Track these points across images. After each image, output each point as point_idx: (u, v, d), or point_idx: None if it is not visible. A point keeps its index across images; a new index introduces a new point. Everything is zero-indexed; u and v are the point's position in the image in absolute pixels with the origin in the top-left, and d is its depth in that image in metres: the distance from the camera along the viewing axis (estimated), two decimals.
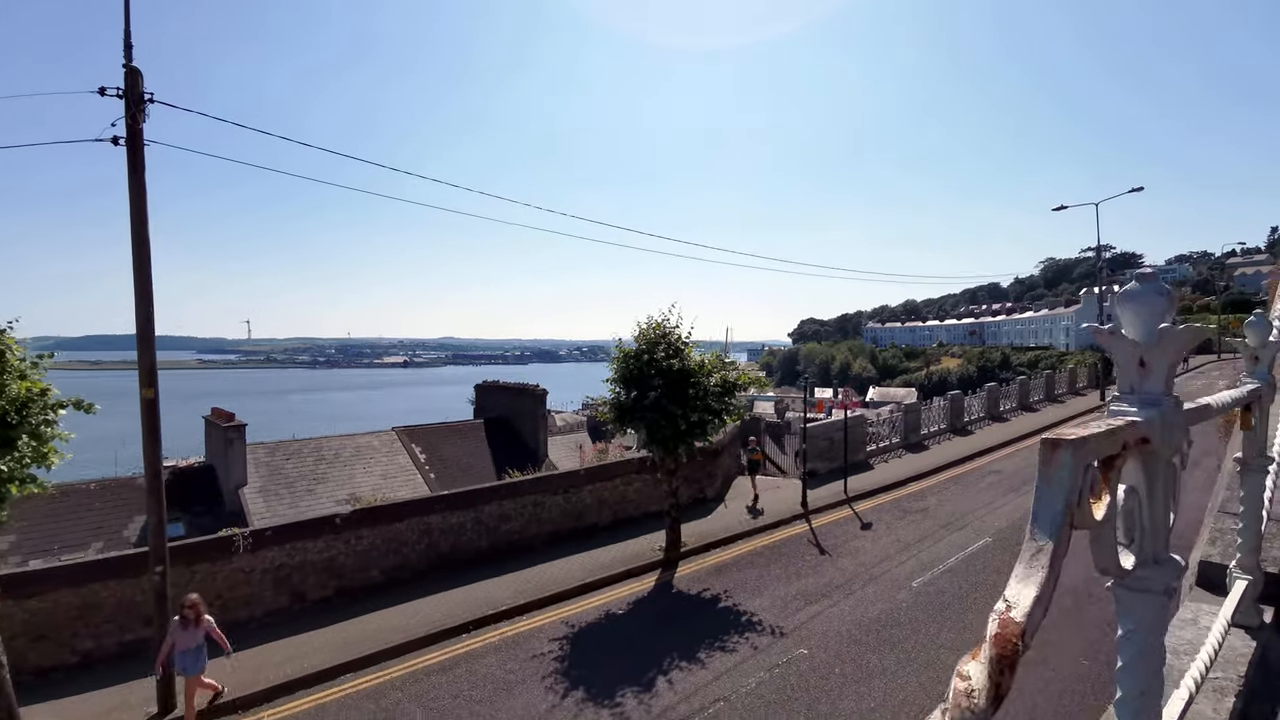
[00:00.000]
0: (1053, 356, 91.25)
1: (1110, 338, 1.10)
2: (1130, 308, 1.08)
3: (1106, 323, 1.21)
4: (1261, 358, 1.81)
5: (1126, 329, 1.09)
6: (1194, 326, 1.04)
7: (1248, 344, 1.84)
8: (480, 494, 13.03)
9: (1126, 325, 1.10)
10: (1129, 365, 1.08)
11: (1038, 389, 29.54)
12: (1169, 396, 1.07)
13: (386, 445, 25.22)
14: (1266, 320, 1.87)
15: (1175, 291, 1.06)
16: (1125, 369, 1.09)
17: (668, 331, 12.38)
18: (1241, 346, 1.88)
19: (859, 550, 12.41)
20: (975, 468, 18.62)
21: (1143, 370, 1.07)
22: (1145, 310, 1.06)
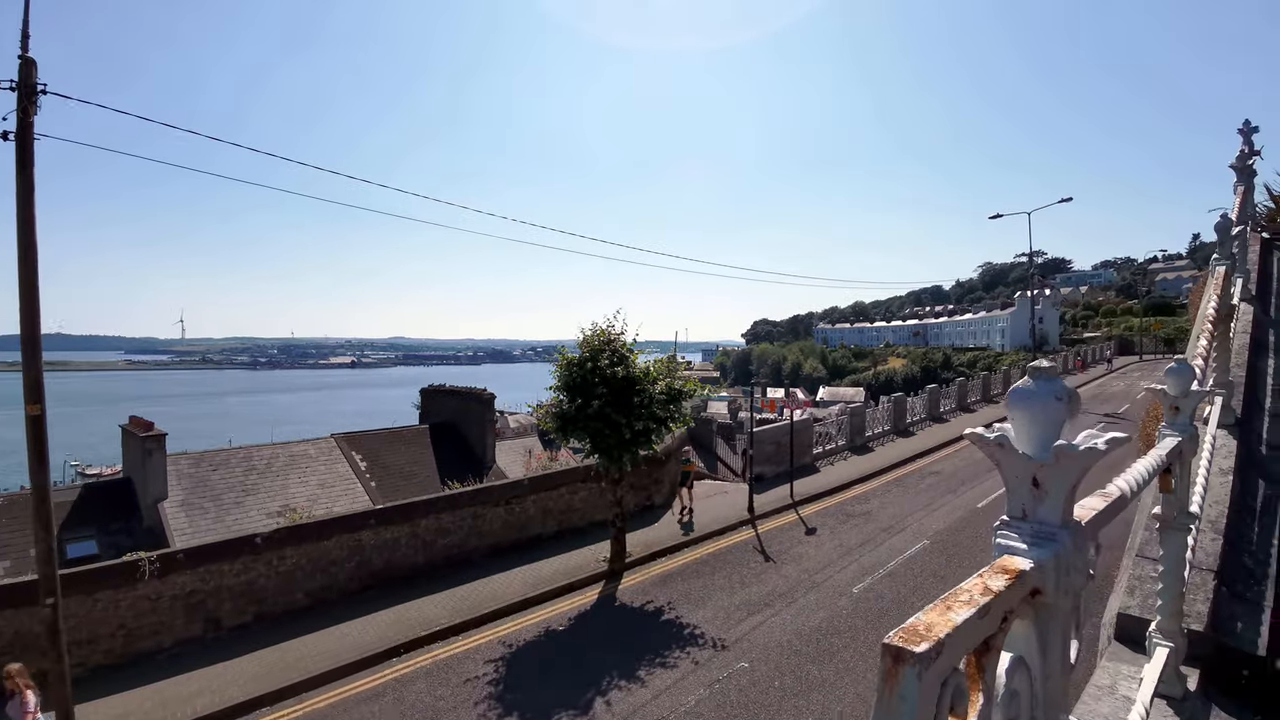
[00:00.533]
0: (989, 357, 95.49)
1: (998, 450, 0.89)
2: (1023, 412, 0.87)
3: (1038, 323, 0.99)
4: (1182, 408, 1.69)
5: (1018, 437, 0.88)
6: (1094, 450, 0.84)
7: (1167, 392, 1.72)
8: (416, 507, 12.47)
9: (1018, 431, 0.89)
10: (1019, 485, 0.88)
11: (975, 390, 30.68)
12: (1068, 529, 0.86)
13: (324, 453, 24.09)
14: (1188, 367, 1.75)
15: (1076, 399, 0.85)
16: (1015, 489, 0.89)
17: (612, 338, 12.14)
18: (1161, 396, 1.76)
19: (803, 556, 12.45)
20: (916, 469, 19.08)
21: (1036, 492, 0.87)
22: (1041, 417, 0.85)
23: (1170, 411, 1.70)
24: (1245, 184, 4.45)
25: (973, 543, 12.47)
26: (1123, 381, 36.22)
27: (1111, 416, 25.29)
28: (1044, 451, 0.85)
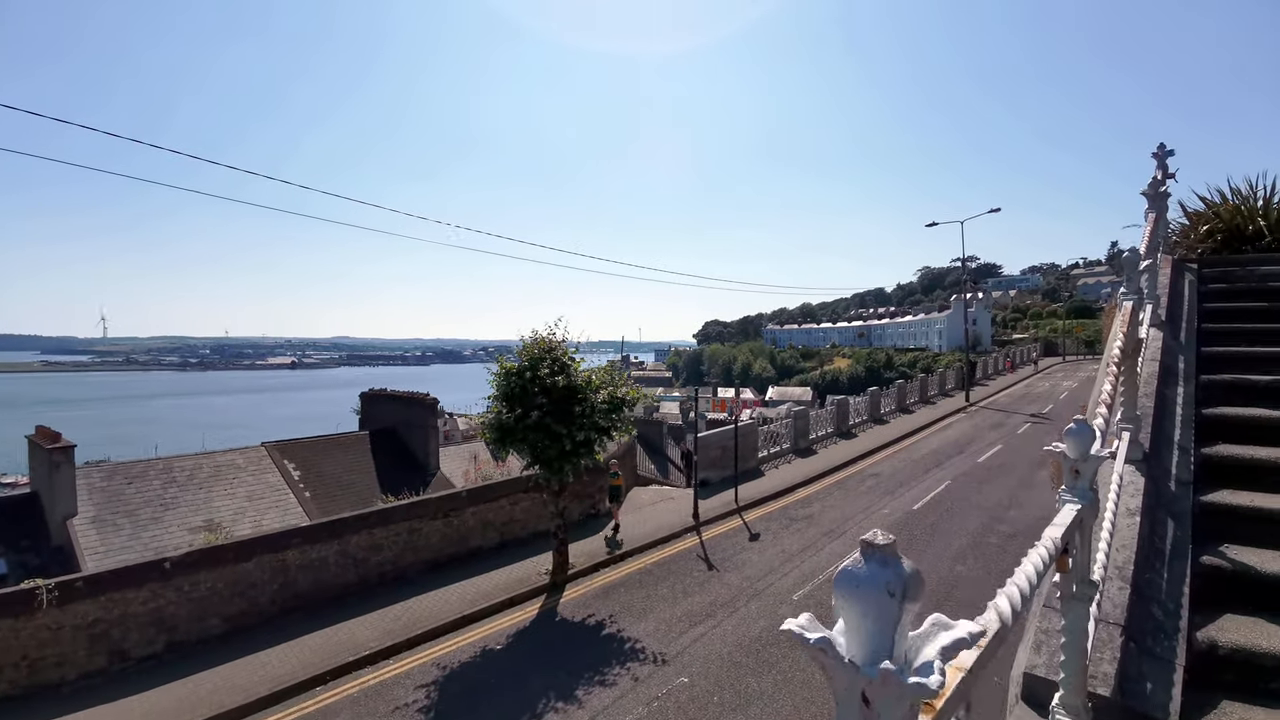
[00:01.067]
0: (928, 357, 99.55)
1: (819, 655, 0.73)
2: (851, 603, 0.71)
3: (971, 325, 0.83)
4: (1083, 472, 1.61)
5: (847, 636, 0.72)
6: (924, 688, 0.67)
7: (1066, 454, 1.63)
8: (346, 523, 11.85)
9: (847, 629, 0.72)
10: (848, 702, 0.71)
11: (913, 391, 31.74)
12: None
13: (254, 463, 22.82)
14: (1088, 428, 1.67)
15: (916, 585, 0.69)
16: (844, 706, 0.72)
17: (553, 346, 11.85)
18: (1061, 459, 1.68)
19: (746, 563, 12.48)
20: (857, 471, 19.51)
21: (868, 712, 0.70)
22: (873, 612, 0.68)
23: (1070, 475, 1.62)
24: (1158, 210, 4.58)
25: (907, 546, 12.75)
26: (1047, 382, 38.26)
27: (1037, 417, 26.63)
28: (871, 665, 0.68)
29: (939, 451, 21.15)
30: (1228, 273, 5.17)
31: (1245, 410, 3.31)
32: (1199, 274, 5.32)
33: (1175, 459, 2.91)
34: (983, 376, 41.49)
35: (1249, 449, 3.04)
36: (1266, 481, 2.85)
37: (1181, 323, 4.33)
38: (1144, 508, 2.51)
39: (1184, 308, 4.53)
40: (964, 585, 10.88)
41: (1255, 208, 8.51)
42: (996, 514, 14.42)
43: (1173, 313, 4.41)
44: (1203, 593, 2.35)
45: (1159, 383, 3.41)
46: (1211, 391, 3.59)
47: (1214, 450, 3.08)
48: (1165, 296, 4.43)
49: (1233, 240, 8.65)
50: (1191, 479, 2.84)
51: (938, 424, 26.47)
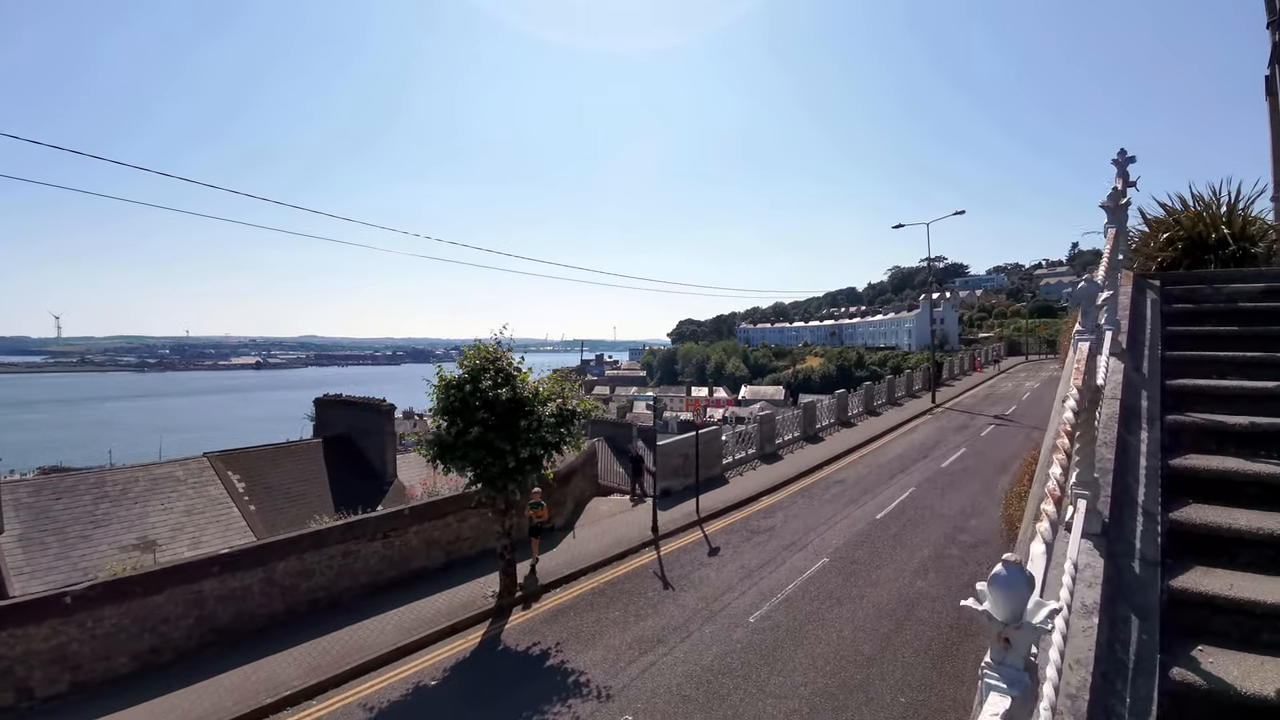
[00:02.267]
0: (898, 356, 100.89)
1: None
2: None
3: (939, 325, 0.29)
4: (1015, 642, 1.10)
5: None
6: None
7: (992, 616, 1.12)
8: (272, 548, 11.00)
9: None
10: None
11: (881, 393, 31.71)
12: None
13: (194, 474, 21.64)
14: (1021, 575, 1.15)
15: None
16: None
17: (497, 356, 11.17)
18: (985, 618, 1.16)
19: (703, 581, 11.97)
20: (822, 477, 19.20)
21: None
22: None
23: (998, 645, 1.11)
24: (1118, 224, 4.14)
25: (870, 559, 12.41)
26: (1010, 382, 38.70)
27: (1000, 418, 26.74)
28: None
29: (904, 456, 20.99)
30: (1193, 291, 4.77)
31: (1217, 461, 2.86)
32: (1162, 292, 4.91)
33: (1140, 529, 2.44)
34: (949, 377, 41.86)
35: (1223, 512, 2.59)
36: (1243, 557, 2.40)
37: (1144, 350, 3.90)
38: (1103, 601, 2.03)
39: (1146, 332, 4.09)
40: (924, 603, 10.53)
41: (1218, 215, 8.25)
42: (959, 523, 14.18)
43: (1134, 338, 3.97)
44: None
45: (1120, 426, 2.94)
46: (1179, 436, 3.15)
47: (1183, 515, 2.62)
48: (1126, 320, 4.00)
49: (1194, 249, 8.38)
50: (1159, 557, 2.37)
51: (904, 426, 26.40)
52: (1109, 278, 3.71)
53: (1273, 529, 2.39)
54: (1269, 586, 2.22)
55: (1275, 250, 8.10)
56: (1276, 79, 19.57)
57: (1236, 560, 2.43)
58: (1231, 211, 8.49)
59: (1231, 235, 8.15)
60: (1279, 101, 19.43)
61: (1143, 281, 4.82)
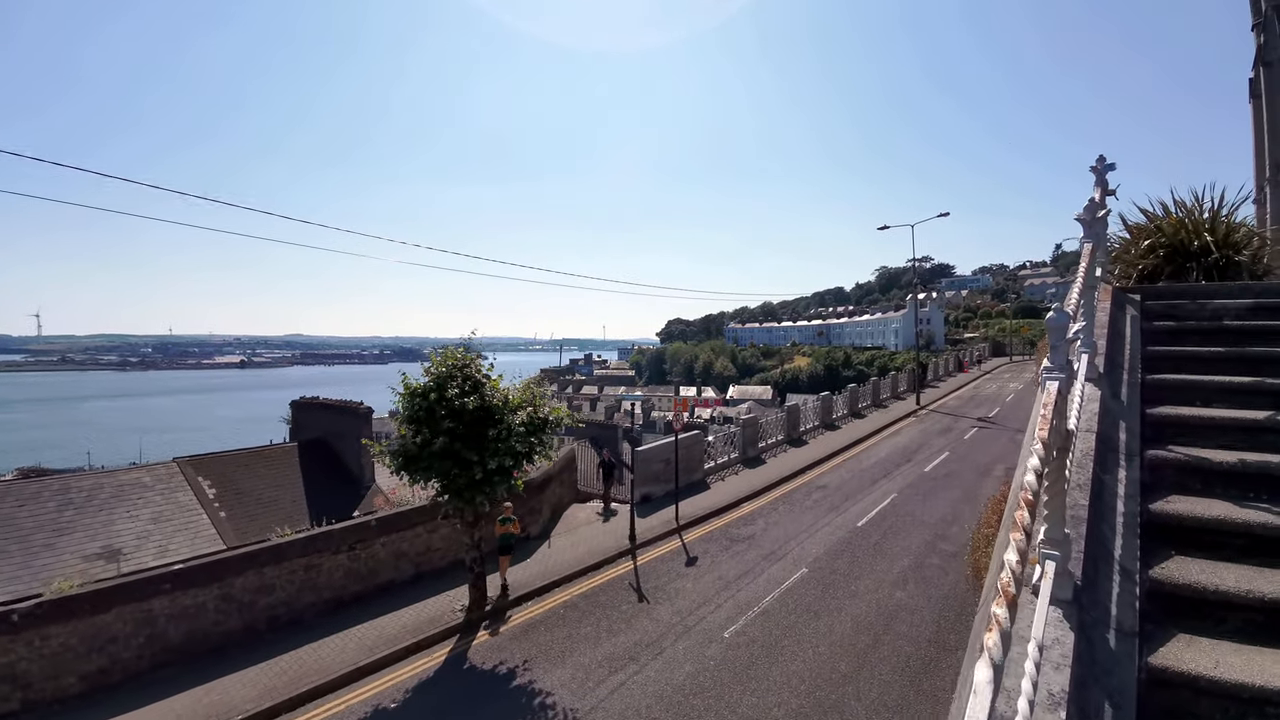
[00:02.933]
0: (885, 356, 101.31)
1: None
2: None
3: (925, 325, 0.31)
4: None
5: None
6: None
7: None
8: (228, 564, 10.54)
9: None
10: None
11: (865, 395, 31.59)
12: None
13: (162, 480, 21.07)
14: None
15: None
16: None
17: (466, 362, 10.79)
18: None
19: (679, 593, 11.66)
20: (805, 482, 18.97)
21: None
22: None
23: None
24: (1095, 237, 3.82)
25: (850, 569, 12.17)
26: (994, 384, 38.80)
27: (984, 421, 26.70)
28: None
29: (887, 460, 20.82)
30: (1175, 307, 4.49)
31: (1202, 506, 2.58)
32: (1142, 307, 4.63)
33: (1116, 591, 2.16)
34: (934, 378, 41.90)
35: (1208, 568, 2.31)
36: (1230, 622, 2.12)
37: (1123, 373, 3.62)
38: (1072, 688, 1.73)
39: (1125, 353, 3.82)
40: (903, 616, 10.29)
41: (1201, 222, 8.05)
42: (940, 530, 13.98)
43: (1112, 360, 3.69)
44: None
45: (1095, 464, 2.65)
46: (1160, 474, 2.87)
47: (1165, 572, 2.34)
48: (1104, 341, 3.72)
49: (1176, 257, 8.18)
50: (1137, 625, 2.09)
51: (888, 429, 26.27)
52: (1085, 297, 3.44)
53: (1263, 591, 2.11)
54: (1258, 662, 1.94)
55: (1260, 258, 7.91)
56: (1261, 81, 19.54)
57: (1223, 625, 2.15)
58: (1215, 218, 8.29)
59: (1215, 243, 7.95)
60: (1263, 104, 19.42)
61: (1122, 296, 4.54)
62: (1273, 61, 18.99)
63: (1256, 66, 19.38)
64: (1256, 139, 19.54)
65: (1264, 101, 18.74)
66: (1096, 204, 3.71)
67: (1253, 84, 19.93)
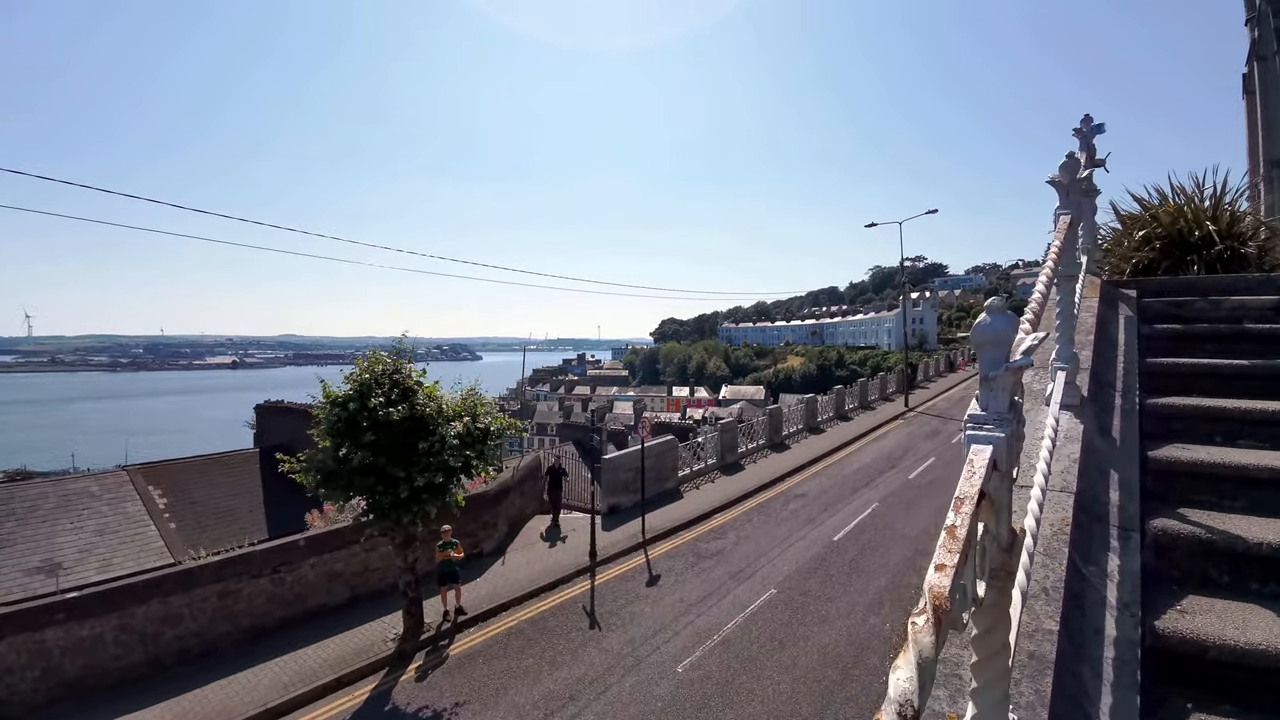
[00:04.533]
0: (878, 355, 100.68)
1: None
2: None
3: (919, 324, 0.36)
4: None
5: None
6: None
7: None
8: (128, 591, 9.51)
9: None
10: None
11: (853, 397, 30.67)
12: None
13: (111, 490, 20.02)
14: None
15: None
16: None
17: (396, 368, 9.79)
18: None
19: (635, 618, 10.69)
20: (783, 490, 18.03)
21: None
22: None
23: None
24: (1076, 208, 2.83)
25: (821, 590, 11.22)
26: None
27: None
28: None
29: (870, 466, 19.89)
30: (1182, 305, 3.53)
31: (1234, 627, 1.62)
32: (1140, 306, 3.68)
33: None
34: (924, 379, 41.04)
35: None
36: None
37: (1114, 396, 2.66)
38: None
39: (1118, 368, 2.86)
40: (876, 645, 9.35)
41: (1202, 209, 7.13)
42: (921, 545, 13.05)
43: (1100, 377, 2.73)
44: None
45: (1073, 551, 1.68)
46: (1170, 559, 1.93)
47: None
48: (1089, 352, 2.77)
49: (1174, 249, 7.25)
50: None
51: (874, 432, 25.37)
52: (1061, 291, 2.51)
53: None
54: None
55: (1269, 250, 7.01)
56: (1255, 77, 18.72)
57: None
58: (1217, 205, 7.36)
59: (1218, 232, 7.01)
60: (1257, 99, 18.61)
61: (1114, 292, 3.60)
62: (1267, 56, 18.19)
63: (1250, 61, 18.65)
64: (1250, 135, 18.79)
65: (1258, 97, 18.00)
66: (1074, 162, 2.75)
67: (1246, 79, 19.19)
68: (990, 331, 1.21)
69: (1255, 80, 18.43)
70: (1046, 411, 2.19)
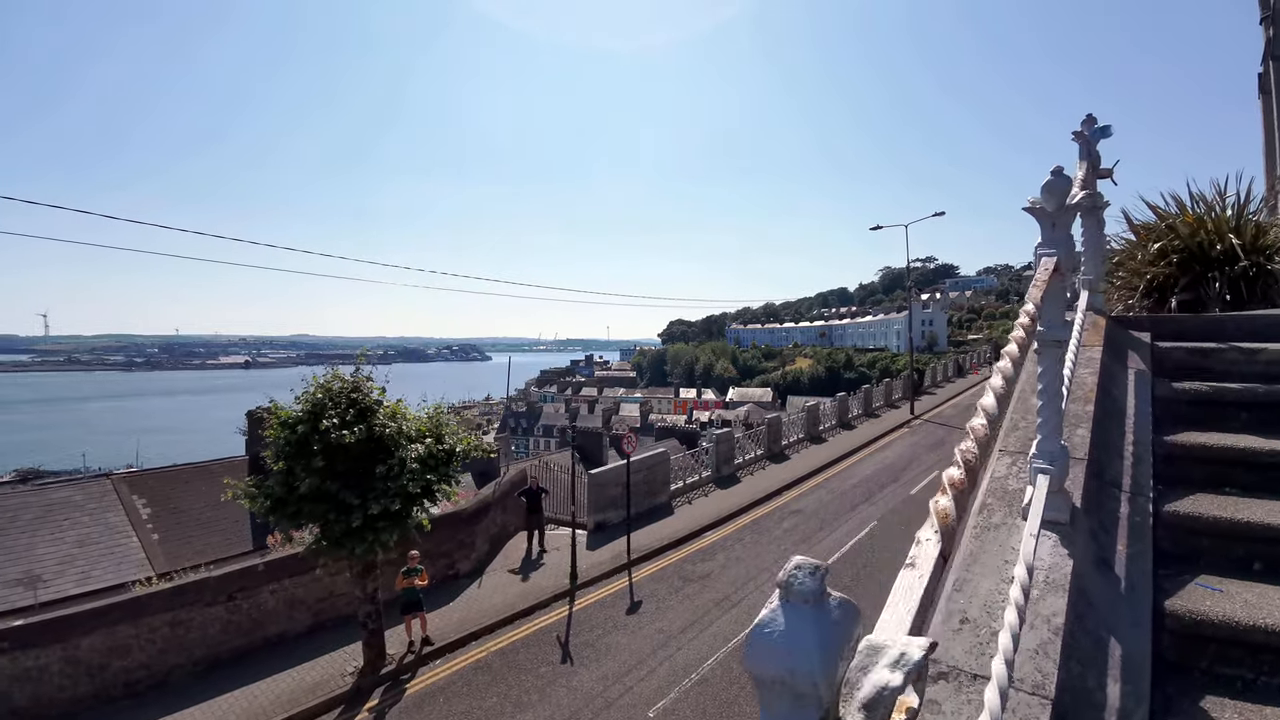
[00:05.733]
0: (887, 358, 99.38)
1: None
2: None
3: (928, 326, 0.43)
4: None
5: None
6: None
7: None
8: (73, 621, 8.99)
9: None
10: None
11: (857, 404, 29.86)
12: None
13: (94, 499, 19.69)
14: None
15: None
16: None
17: (355, 385, 9.22)
18: None
19: (611, 650, 10.05)
20: (779, 505, 17.33)
21: None
22: None
23: None
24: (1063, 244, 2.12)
25: None
26: None
27: None
28: None
29: (871, 480, 19.13)
30: (1207, 355, 2.76)
31: None
32: (1154, 353, 2.95)
33: None
34: (931, 384, 40.09)
35: None
36: None
37: (1119, 502, 1.94)
38: None
39: (1125, 453, 2.13)
40: None
41: (1224, 220, 6.38)
42: None
43: (1101, 472, 2.01)
44: None
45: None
46: None
47: None
48: (1087, 427, 2.07)
49: (1192, 264, 6.51)
50: None
51: (877, 442, 24.57)
52: (1044, 359, 1.85)
53: None
54: None
55: None
56: (1271, 76, 17.80)
57: None
58: (1241, 215, 6.60)
59: (1241, 246, 6.25)
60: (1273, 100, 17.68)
61: (1122, 335, 2.86)
62: None
63: (1266, 61, 17.81)
64: (1267, 137, 17.92)
65: (1274, 98, 17.16)
66: (1066, 180, 2.05)
67: (1262, 79, 18.32)
68: None
69: (1271, 80, 17.59)
70: (1021, 532, 1.53)
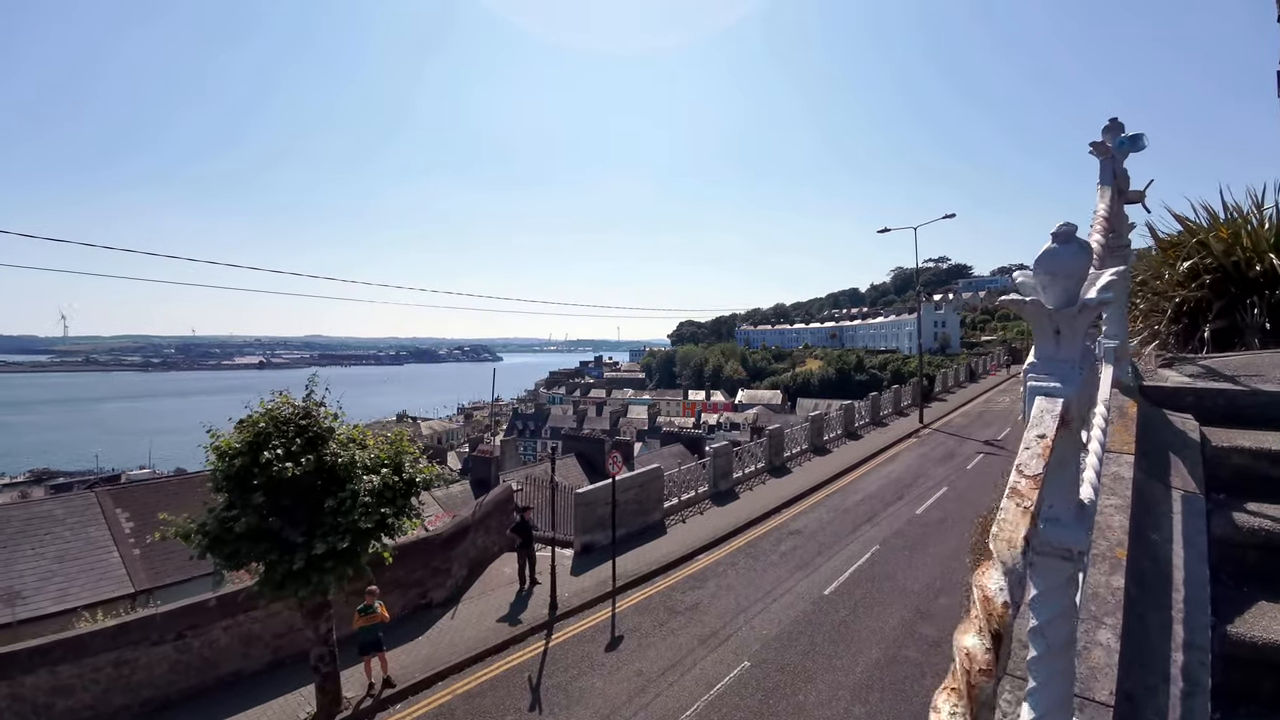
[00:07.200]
0: (898, 359, 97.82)
1: None
2: None
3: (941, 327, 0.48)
4: None
5: None
6: None
7: None
8: (13, 659, 8.38)
9: None
10: None
11: (864, 411, 28.92)
12: None
13: (76, 513, 19.36)
14: None
15: None
16: None
17: (306, 411, 8.55)
18: None
19: (584, 696, 9.31)
20: (777, 525, 16.50)
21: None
22: None
23: None
24: (1071, 325, 1.40)
25: (802, 664, 9.71)
26: (1007, 397, 35.78)
27: (991, 444, 23.97)
28: None
29: (876, 496, 18.24)
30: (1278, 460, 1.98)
31: None
32: (1206, 460, 2.03)
33: None
34: (942, 390, 38.97)
35: None
36: None
37: None
38: None
39: (1173, 668, 1.30)
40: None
41: (1264, 235, 5.53)
42: (923, 603, 11.47)
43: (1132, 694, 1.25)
44: None
45: None
46: None
47: None
48: (1115, 620, 1.23)
49: (1227, 285, 5.67)
50: None
51: (884, 454, 23.64)
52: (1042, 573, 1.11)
53: None
54: None
55: None
56: None
57: None
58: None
59: None
60: None
61: (1159, 428, 1.95)
62: None
63: None
64: None
65: None
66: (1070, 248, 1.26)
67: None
68: None
69: None
70: None
